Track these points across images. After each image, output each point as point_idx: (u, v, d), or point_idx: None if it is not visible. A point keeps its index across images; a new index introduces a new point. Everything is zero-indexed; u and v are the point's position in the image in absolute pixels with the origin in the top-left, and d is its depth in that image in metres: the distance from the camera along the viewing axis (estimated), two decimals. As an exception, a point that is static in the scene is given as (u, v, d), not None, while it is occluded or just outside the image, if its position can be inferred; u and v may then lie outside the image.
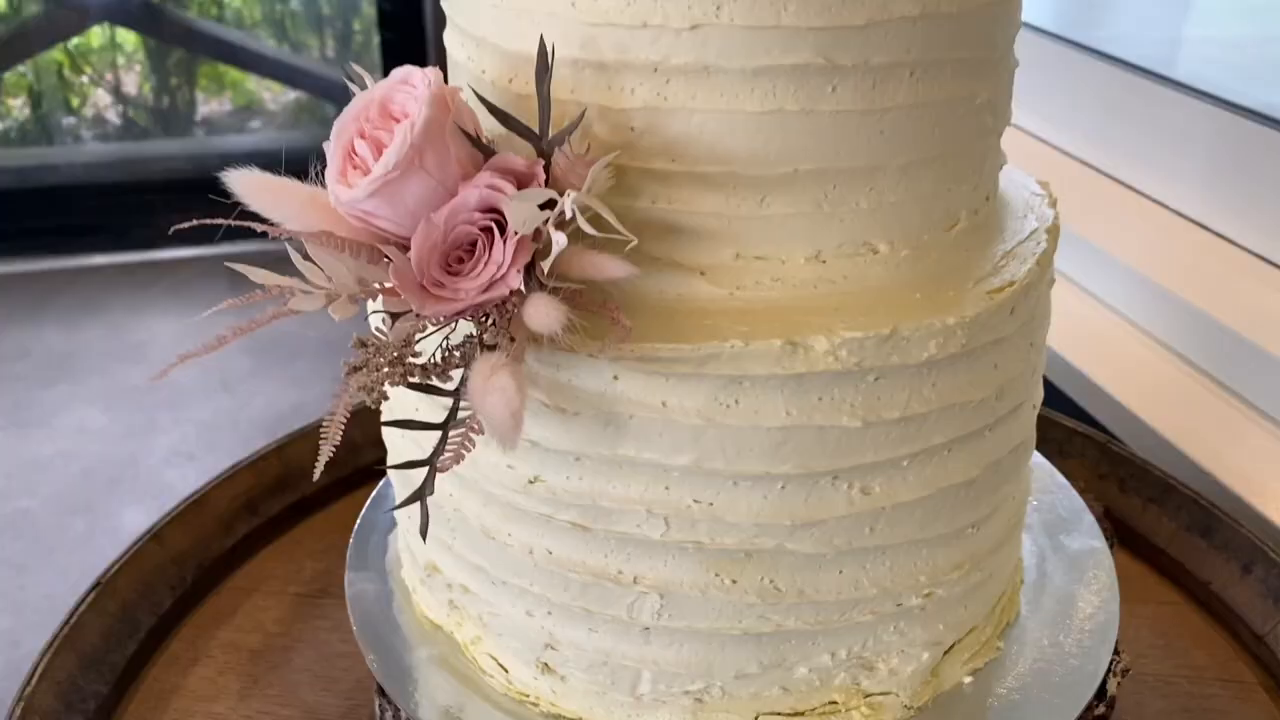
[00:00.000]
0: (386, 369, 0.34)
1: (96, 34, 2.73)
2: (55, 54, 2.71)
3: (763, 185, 0.38)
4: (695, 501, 0.39)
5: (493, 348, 0.35)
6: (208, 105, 2.89)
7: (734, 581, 0.40)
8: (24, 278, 2.55)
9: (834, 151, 0.38)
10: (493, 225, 0.35)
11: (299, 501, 0.71)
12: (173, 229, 0.38)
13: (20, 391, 2.16)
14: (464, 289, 0.34)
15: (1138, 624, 0.62)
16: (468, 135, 0.35)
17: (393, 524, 0.56)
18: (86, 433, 2.04)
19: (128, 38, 2.74)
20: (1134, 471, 0.70)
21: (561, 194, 0.35)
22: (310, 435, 0.73)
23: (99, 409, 2.12)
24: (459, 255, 0.35)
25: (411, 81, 0.36)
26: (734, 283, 0.39)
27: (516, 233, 0.33)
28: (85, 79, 2.79)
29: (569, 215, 0.33)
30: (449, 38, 0.44)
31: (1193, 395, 0.80)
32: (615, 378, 0.37)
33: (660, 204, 0.39)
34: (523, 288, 0.34)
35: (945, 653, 0.46)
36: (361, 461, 0.70)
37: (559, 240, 0.33)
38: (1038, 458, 0.62)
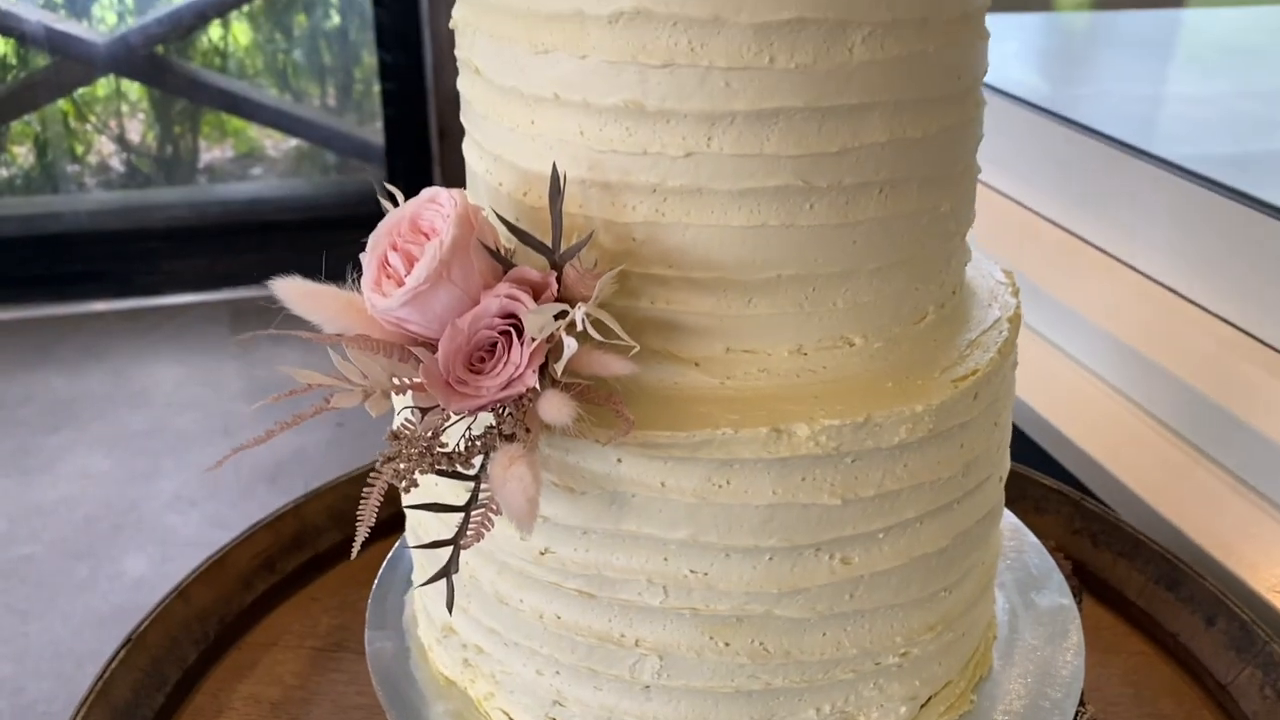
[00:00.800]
0: (417, 458, 0.38)
1: (102, 83, 2.79)
2: (61, 103, 2.76)
3: (749, 289, 0.43)
4: (691, 571, 0.43)
5: (511, 437, 0.39)
6: (210, 152, 2.94)
7: (727, 644, 0.44)
8: (28, 324, 2.58)
9: (812, 259, 0.42)
10: (511, 330, 0.39)
11: (313, 558, 0.75)
12: (238, 338, 0.42)
13: (24, 437, 2.19)
14: (485, 386, 0.39)
15: (1109, 674, 0.66)
16: (489, 250, 0.40)
17: (408, 584, 0.60)
18: (89, 478, 2.07)
19: (132, 87, 2.79)
20: (1105, 527, 0.74)
21: (572, 302, 0.39)
22: (324, 495, 0.77)
23: (102, 454, 2.15)
24: (481, 355, 0.40)
25: (439, 200, 0.41)
26: (725, 373, 0.44)
27: (533, 339, 0.38)
28: (90, 127, 2.84)
29: (579, 326, 0.37)
30: (468, 150, 0.48)
31: (1160, 451, 0.85)
32: (619, 460, 0.42)
33: (659, 304, 0.43)
34: (537, 385, 0.38)
35: (922, 706, 0.50)
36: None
37: (570, 345, 0.38)
38: (1010, 517, 0.66)
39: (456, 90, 0.48)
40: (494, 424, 0.40)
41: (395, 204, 0.42)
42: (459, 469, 0.40)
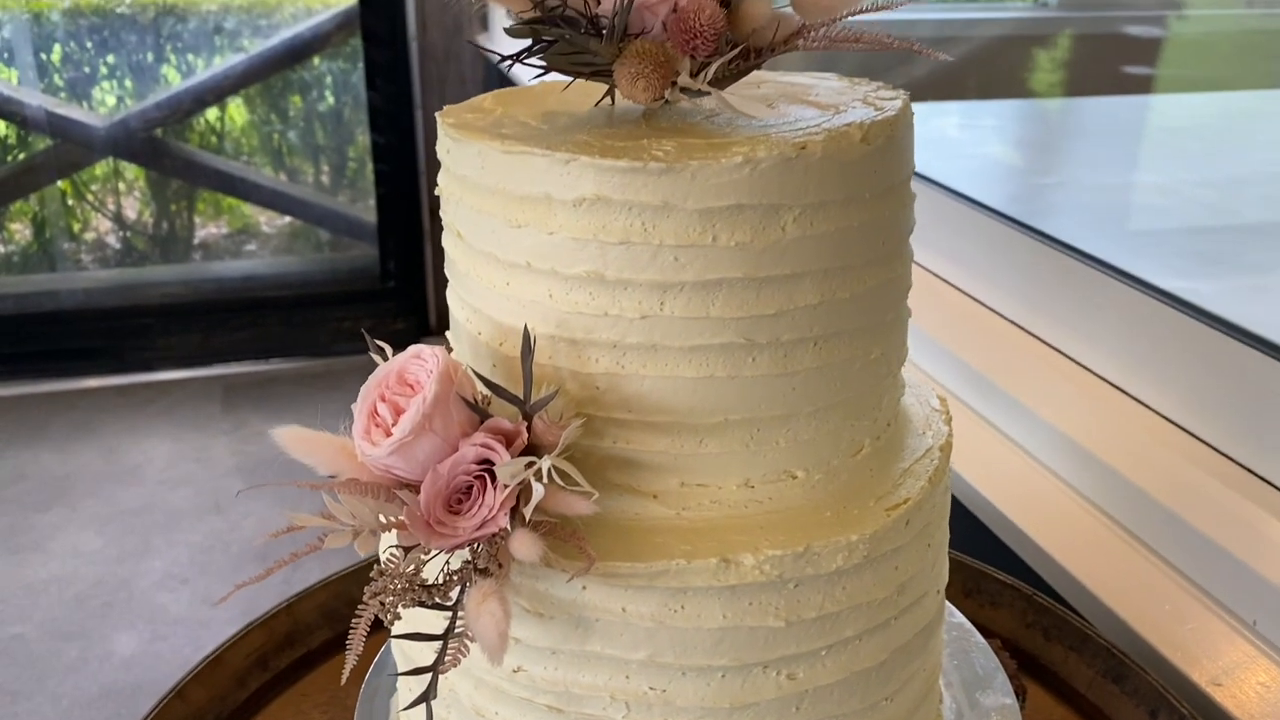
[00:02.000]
0: (400, 592, 0.43)
1: (100, 163, 2.85)
2: (59, 182, 2.82)
3: (701, 430, 0.48)
4: (651, 689, 0.47)
5: (485, 571, 0.44)
6: (205, 229, 3.01)
7: (684, 753, 0.48)
8: (22, 401, 2.62)
9: (756, 405, 0.47)
10: (486, 475, 0.44)
11: (305, 655, 0.79)
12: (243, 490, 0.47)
13: (16, 515, 2.22)
14: (462, 527, 0.43)
15: (1058, 763, 0.70)
16: (467, 402, 0.45)
17: (394, 689, 0.64)
18: (81, 556, 2.10)
19: (130, 166, 2.86)
20: (1056, 621, 0.79)
21: (541, 449, 0.44)
22: (315, 593, 0.81)
23: (93, 532, 2.18)
24: (458, 498, 0.44)
25: (423, 356, 0.46)
26: (680, 504, 0.49)
27: (505, 485, 0.43)
28: (87, 205, 2.90)
29: (545, 476, 0.42)
30: (451, 298, 0.54)
31: (1109, 546, 0.90)
32: (583, 588, 0.46)
33: (620, 444, 0.48)
34: (509, 526, 0.43)
35: (869, 806, 0.54)
36: (361, 616, 0.78)
37: (538, 491, 0.43)
38: (959, 616, 0.71)
39: None
40: (470, 559, 0.44)
41: (385, 358, 0.47)
42: (438, 600, 0.44)
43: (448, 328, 0.56)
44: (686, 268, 0.45)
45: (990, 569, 0.83)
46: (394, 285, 2.80)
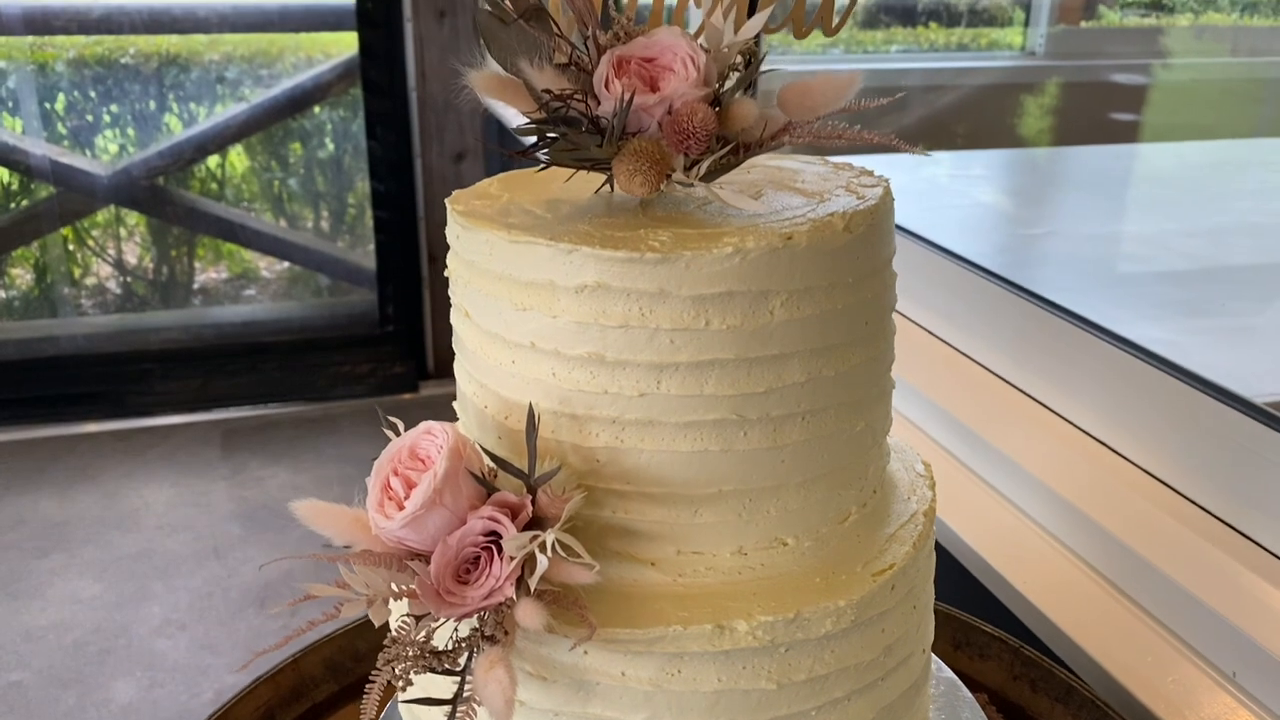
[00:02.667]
0: (412, 660, 0.45)
1: (102, 211, 2.88)
2: (61, 229, 2.85)
3: (695, 501, 0.50)
4: (649, 749, 0.50)
5: (491, 638, 0.46)
6: (205, 273, 3.04)
7: (681, 811, 0.51)
8: (22, 446, 2.63)
9: (748, 477, 0.50)
10: (492, 546, 0.47)
11: (311, 708, 0.81)
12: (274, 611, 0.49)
13: (15, 561, 2.23)
14: (470, 596, 0.46)
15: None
16: (476, 477, 0.48)
17: (399, 745, 0.66)
18: (79, 602, 2.10)
19: (131, 212, 2.89)
20: (1042, 674, 0.81)
21: (545, 521, 0.47)
22: (320, 648, 0.83)
23: (91, 578, 2.19)
24: (466, 567, 0.47)
25: (434, 432, 0.48)
26: (676, 571, 0.51)
27: (512, 557, 0.45)
28: (88, 250, 2.93)
29: (549, 549, 0.45)
30: (459, 371, 0.57)
31: (1093, 597, 0.92)
32: (585, 653, 0.49)
33: (619, 514, 0.51)
34: (514, 595, 0.46)
35: None
36: (364, 669, 0.80)
37: (543, 563, 0.45)
38: (947, 672, 0.73)
39: (445, 218, 0.54)
40: (477, 626, 0.47)
41: (397, 433, 0.50)
42: (448, 666, 0.46)
43: (445, 372, 0.59)
44: (681, 349, 0.48)
45: (978, 622, 0.85)
46: (392, 330, 2.83)
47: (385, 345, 2.83)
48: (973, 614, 0.86)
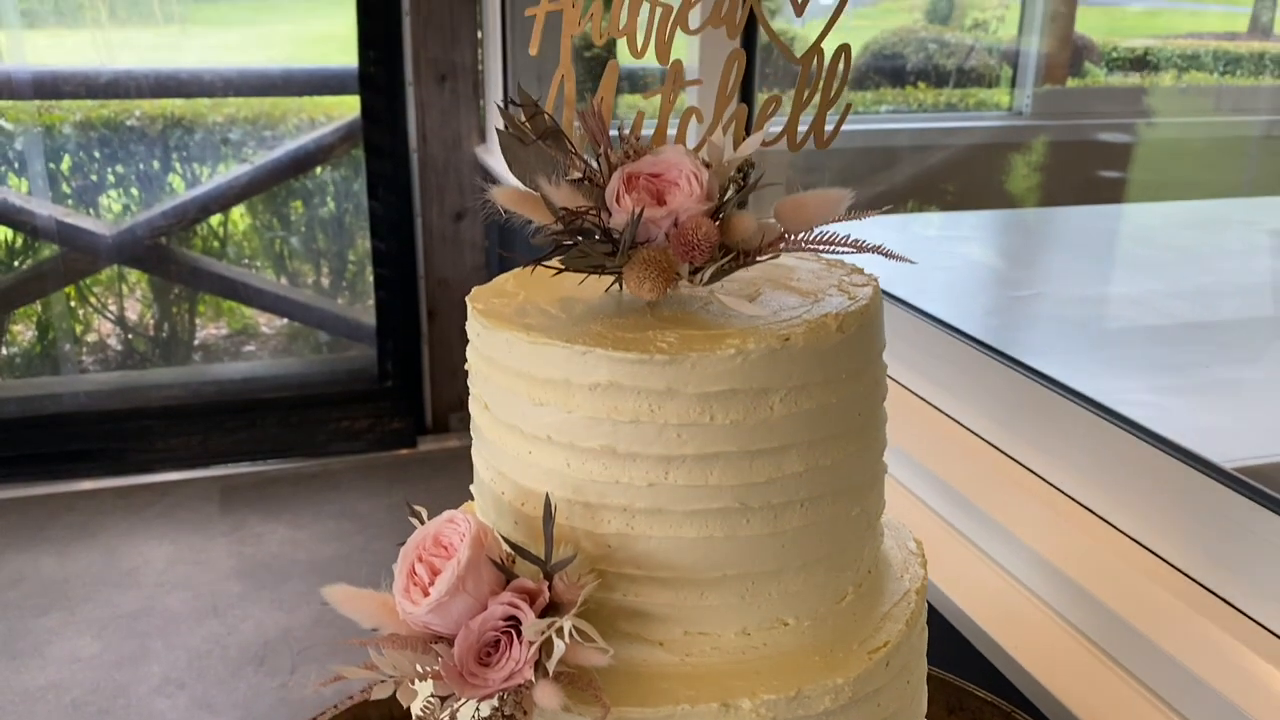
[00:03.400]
0: (437, 739, 0.48)
1: (105, 270, 2.92)
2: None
3: (701, 585, 0.54)
4: (659, 822, 0.52)
5: (511, 718, 0.49)
6: (205, 330, 3.07)
7: None
8: (22, 503, 2.65)
9: (750, 561, 0.53)
10: (512, 630, 0.50)
11: (323, 778, 0.83)
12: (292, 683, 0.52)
13: (14, 620, 2.23)
14: (491, 678, 0.49)
15: None
16: (496, 564, 0.51)
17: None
18: (78, 662, 2.11)
19: (133, 270, 2.93)
20: (1033, 738, 0.84)
21: (561, 605, 0.50)
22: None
23: (91, 636, 2.19)
24: (487, 650, 0.50)
25: (456, 521, 0.52)
26: (684, 651, 0.54)
27: (531, 642, 0.48)
28: (90, 308, 2.97)
29: (566, 635, 0.48)
30: (476, 458, 0.60)
31: (1083, 663, 0.95)
32: (598, 729, 0.52)
33: (630, 596, 0.54)
34: (533, 677, 0.49)
35: None
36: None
37: (560, 647, 0.48)
38: (942, 739, 0.76)
39: (444, 275, 0.58)
40: (498, 706, 0.50)
41: (421, 521, 0.53)
42: (469, 744, 0.49)
43: (443, 427, 0.62)
44: (688, 443, 0.51)
45: (972, 687, 0.88)
46: (391, 385, 2.86)
47: (384, 401, 2.86)
48: (966, 677, 0.89)
